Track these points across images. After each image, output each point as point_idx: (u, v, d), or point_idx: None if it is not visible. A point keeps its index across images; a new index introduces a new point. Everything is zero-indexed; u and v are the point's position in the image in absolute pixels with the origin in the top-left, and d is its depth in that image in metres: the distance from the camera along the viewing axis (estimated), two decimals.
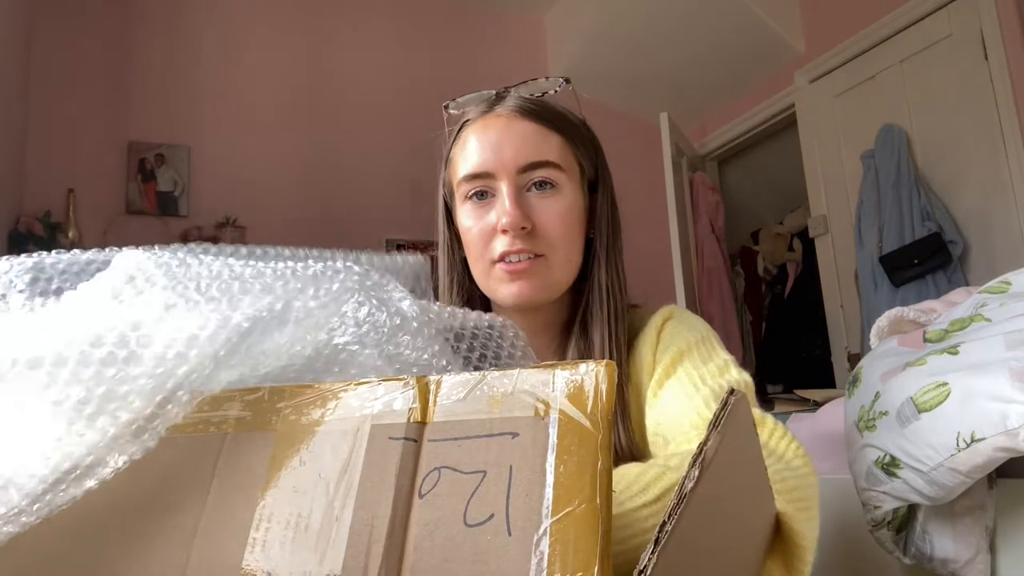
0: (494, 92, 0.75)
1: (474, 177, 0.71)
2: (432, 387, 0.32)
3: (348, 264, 0.42)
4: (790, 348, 3.54)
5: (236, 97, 2.81)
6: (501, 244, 0.69)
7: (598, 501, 0.26)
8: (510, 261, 0.69)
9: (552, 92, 0.76)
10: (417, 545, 0.28)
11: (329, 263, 0.42)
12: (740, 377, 0.66)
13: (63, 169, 2.46)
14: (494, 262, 0.70)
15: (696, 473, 0.27)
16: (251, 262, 0.42)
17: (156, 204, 2.62)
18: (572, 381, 0.29)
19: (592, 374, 0.29)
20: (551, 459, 0.28)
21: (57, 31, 2.54)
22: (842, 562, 1.03)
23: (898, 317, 1.10)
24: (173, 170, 2.66)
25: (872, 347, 1.03)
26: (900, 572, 0.96)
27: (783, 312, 3.77)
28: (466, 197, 0.72)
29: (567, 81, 0.76)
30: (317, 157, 2.89)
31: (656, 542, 0.25)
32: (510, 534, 0.26)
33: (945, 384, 0.78)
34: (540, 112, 0.72)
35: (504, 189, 0.69)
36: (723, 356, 0.68)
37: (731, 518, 0.35)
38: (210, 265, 0.40)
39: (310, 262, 0.42)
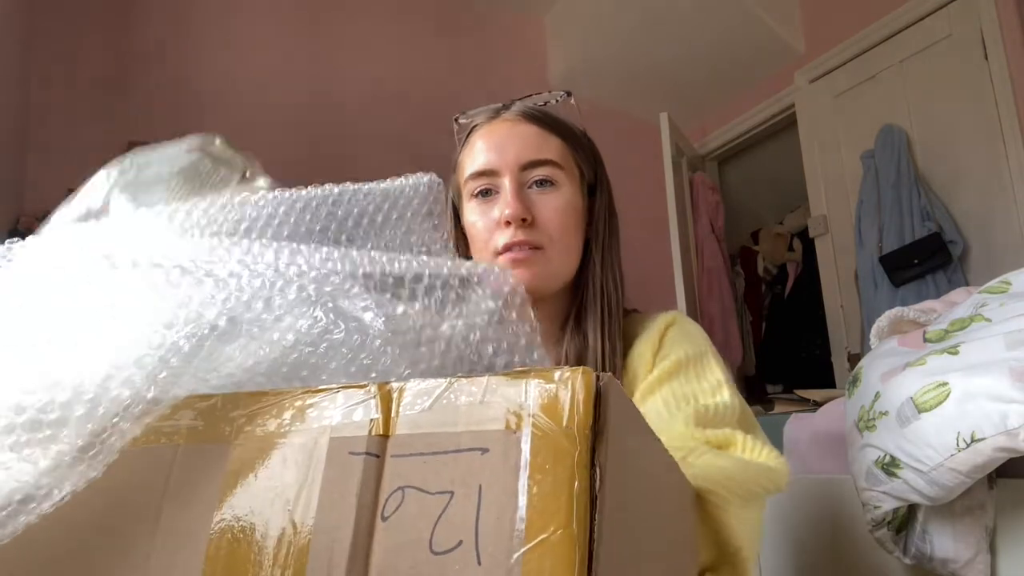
0: (501, 104, 0.81)
1: (480, 174, 0.76)
2: (395, 395, 0.29)
3: (303, 270, 0.38)
4: (790, 348, 3.54)
5: (236, 97, 2.81)
6: (503, 236, 0.73)
7: (574, 527, 0.24)
8: (512, 252, 0.73)
9: (553, 102, 0.83)
10: (380, 572, 0.26)
11: (282, 267, 0.38)
12: (732, 400, 0.66)
13: (63, 169, 2.46)
14: (497, 254, 0.74)
15: (598, 474, 0.25)
16: (193, 262, 0.37)
17: None
18: (546, 391, 0.26)
19: (567, 383, 0.26)
20: (523, 479, 0.25)
21: (57, 31, 2.54)
22: (842, 562, 1.03)
23: (898, 317, 1.10)
24: None
25: (872, 347, 1.03)
26: (900, 572, 0.96)
27: (783, 312, 3.76)
28: (472, 195, 0.77)
29: (568, 94, 0.83)
30: (317, 156, 2.89)
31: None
32: (480, 563, 0.24)
33: (945, 384, 0.78)
34: (542, 117, 0.79)
35: (507, 185, 0.74)
36: (718, 375, 0.69)
37: (648, 514, 0.33)
38: (146, 273, 0.36)
39: (261, 266, 0.38)
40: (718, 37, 3.08)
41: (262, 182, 0.54)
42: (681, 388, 0.67)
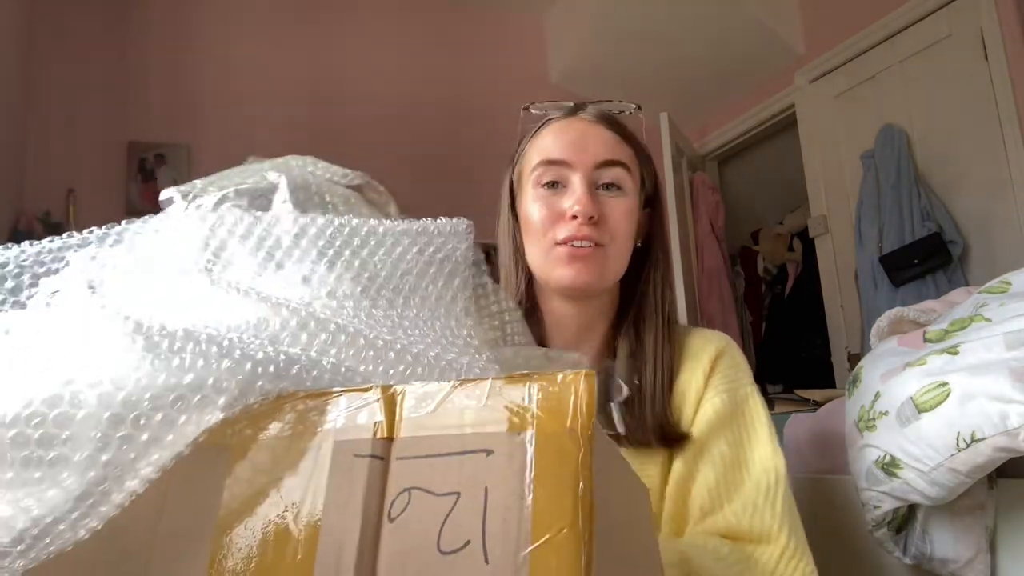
0: (572, 103, 0.83)
1: (552, 162, 0.78)
2: (399, 398, 0.30)
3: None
4: (790, 348, 3.54)
5: (236, 97, 2.81)
6: (566, 229, 0.75)
7: (580, 526, 0.24)
8: (574, 246, 0.75)
9: (627, 112, 0.85)
10: (388, 572, 0.26)
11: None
12: (774, 463, 0.71)
13: (63, 169, 2.46)
14: (556, 243, 0.76)
15: (587, 536, 0.25)
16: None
17: (156, 204, 2.62)
18: (550, 393, 0.27)
19: (570, 386, 0.27)
20: (528, 480, 0.26)
21: (57, 31, 2.53)
22: (842, 562, 1.03)
23: (898, 317, 1.10)
24: (173, 170, 2.66)
25: (872, 347, 1.03)
26: (900, 572, 0.96)
27: (783, 312, 3.76)
28: (538, 183, 0.78)
29: (638, 108, 0.86)
30: (317, 156, 2.89)
31: None
32: (487, 562, 0.25)
33: (945, 384, 0.78)
34: (617, 124, 0.81)
35: (578, 180, 0.76)
36: (765, 433, 0.73)
37: (626, 521, 0.33)
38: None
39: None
40: (718, 37, 3.08)
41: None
42: (735, 449, 0.71)
